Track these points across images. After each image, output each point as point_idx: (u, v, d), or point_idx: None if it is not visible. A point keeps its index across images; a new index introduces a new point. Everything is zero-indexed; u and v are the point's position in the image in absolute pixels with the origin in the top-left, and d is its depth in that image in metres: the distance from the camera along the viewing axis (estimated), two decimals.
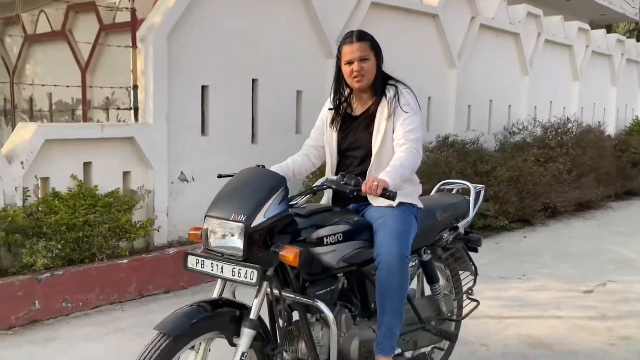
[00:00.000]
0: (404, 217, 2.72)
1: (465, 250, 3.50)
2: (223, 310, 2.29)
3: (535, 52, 10.49)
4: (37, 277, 4.15)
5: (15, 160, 4.44)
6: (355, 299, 2.80)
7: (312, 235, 2.49)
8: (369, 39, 2.75)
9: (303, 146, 3.03)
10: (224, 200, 2.36)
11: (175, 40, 5.36)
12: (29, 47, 9.90)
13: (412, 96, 2.78)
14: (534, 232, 7.38)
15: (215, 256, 2.30)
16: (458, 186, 3.67)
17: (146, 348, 2.08)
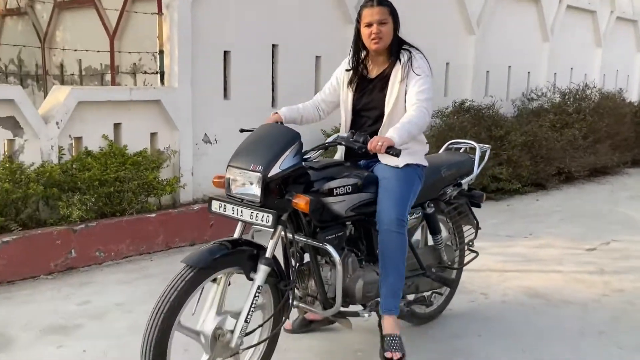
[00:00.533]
0: (407, 179, 2.94)
1: (468, 205, 3.71)
2: (242, 248, 2.58)
3: (556, 18, 10.46)
4: (73, 228, 4.51)
5: (51, 121, 4.77)
6: (361, 245, 3.07)
7: (323, 186, 2.75)
8: (388, 5, 2.92)
9: (314, 98, 3.24)
10: (245, 152, 2.62)
11: (198, 7, 5.59)
12: (59, 14, 10.20)
13: (424, 60, 2.93)
14: (547, 195, 7.55)
15: (236, 201, 2.59)
16: (465, 145, 3.88)
17: (174, 278, 2.38)
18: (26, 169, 4.48)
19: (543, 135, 7.75)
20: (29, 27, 10.95)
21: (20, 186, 4.32)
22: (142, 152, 5.22)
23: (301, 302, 2.97)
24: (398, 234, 2.85)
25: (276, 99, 6.41)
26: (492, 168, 7.03)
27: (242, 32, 5.99)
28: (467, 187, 3.72)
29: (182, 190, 5.55)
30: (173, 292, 2.32)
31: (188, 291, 2.35)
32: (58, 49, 10.24)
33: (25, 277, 4.28)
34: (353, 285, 2.91)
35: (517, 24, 9.61)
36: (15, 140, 4.65)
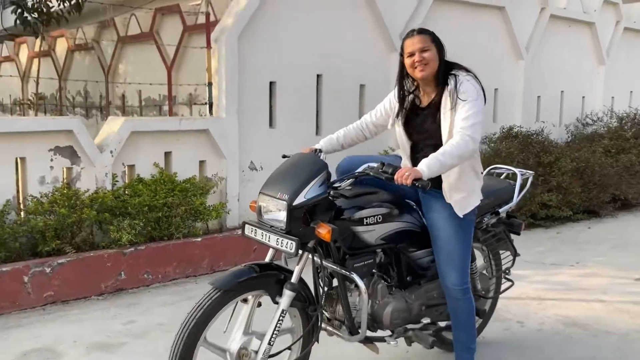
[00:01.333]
0: (465, 234, 2.96)
1: (506, 233, 3.65)
2: (270, 272, 2.70)
3: (613, 41, 10.23)
4: (123, 251, 4.77)
5: (106, 150, 5.08)
6: (392, 271, 3.10)
7: (354, 215, 2.82)
8: (429, 33, 2.91)
9: (362, 119, 3.24)
10: (275, 180, 2.77)
11: (245, 40, 5.84)
12: (122, 48, 10.81)
13: (472, 83, 2.83)
14: (600, 223, 7.33)
15: (266, 227, 2.72)
16: (507, 171, 3.83)
17: (202, 298, 2.54)
18: (81, 195, 4.78)
19: (596, 161, 7.55)
20: (95, 61, 11.65)
21: (75, 211, 4.62)
22: (191, 179, 5.46)
23: (329, 326, 3.03)
24: (464, 300, 2.97)
25: (320, 126, 6.56)
26: (540, 195, 6.90)
27: (287, 63, 6.20)
28: (507, 215, 3.65)
29: (228, 215, 5.75)
30: (199, 310, 2.48)
31: (213, 310, 2.50)
32: (120, 83, 10.83)
33: (78, 297, 4.55)
34: (381, 311, 2.96)
35: (570, 47, 9.46)
36: (73, 168, 4.99)
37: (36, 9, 7.93)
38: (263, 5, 5.89)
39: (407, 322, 3.06)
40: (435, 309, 3.19)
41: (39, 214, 4.54)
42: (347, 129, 3.24)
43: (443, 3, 7.48)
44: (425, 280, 3.14)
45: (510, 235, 3.69)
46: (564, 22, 9.27)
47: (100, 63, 11.41)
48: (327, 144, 3.17)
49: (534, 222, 6.94)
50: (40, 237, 4.54)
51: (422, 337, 3.13)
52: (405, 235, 3.02)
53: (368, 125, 3.22)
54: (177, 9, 9.23)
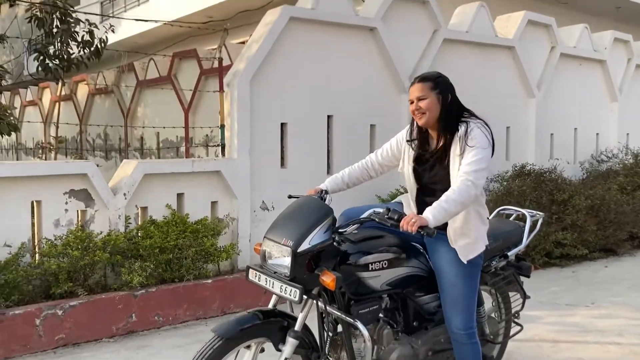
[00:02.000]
0: (470, 279, 2.94)
1: (516, 276, 3.61)
2: (273, 319, 2.69)
3: (625, 78, 10.24)
4: (134, 293, 4.80)
5: (119, 192, 5.18)
6: (398, 316, 3.06)
7: (359, 260, 2.80)
8: (431, 80, 2.92)
9: (367, 158, 3.25)
10: (280, 224, 2.76)
11: (257, 83, 5.97)
12: (140, 92, 11.08)
13: (481, 131, 2.83)
14: (618, 261, 7.21)
15: (270, 273, 2.70)
16: (516, 213, 3.81)
17: (203, 346, 2.53)
18: (94, 237, 4.85)
19: (611, 199, 7.48)
20: (115, 105, 11.94)
21: (88, 253, 4.68)
22: (203, 220, 5.51)
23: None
24: (470, 344, 2.93)
25: (331, 166, 6.62)
26: (555, 233, 6.83)
27: (298, 104, 6.30)
28: (516, 257, 3.61)
29: (239, 256, 5.77)
30: (202, 359, 2.47)
31: (216, 359, 2.48)
32: (139, 126, 11.07)
33: (89, 339, 4.57)
34: (387, 357, 2.91)
35: (581, 85, 9.49)
36: (87, 211, 5.08)
37: (57, 55, 8.22)
38: (274, 50, 6.03)
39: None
40: (442, 354, 3.13)
41: (52, 257, 4.62)
42: (352, 168, 3.25)
43: (452, 43, 7.59)
44: (433, 325, 3.09)
45: (520, 277, 3.65)
46: (575, 60, 9.32)
47: (120, 106, 11.69)
48: (332, 183, 3.18)
49: (549, 261, 6.85)
50: (53, 279, 4.61)
51: None
52: (412, 280, 2.99)
53: (373, 164, 3.23)
54: (194, 54, 9.48)
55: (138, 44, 17.00)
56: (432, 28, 7.41)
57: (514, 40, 8.25)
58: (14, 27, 14.96)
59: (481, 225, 2.99)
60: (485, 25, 7.95)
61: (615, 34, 9.91)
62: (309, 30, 6.32)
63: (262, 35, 5.99)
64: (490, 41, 7.99)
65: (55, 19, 7.91)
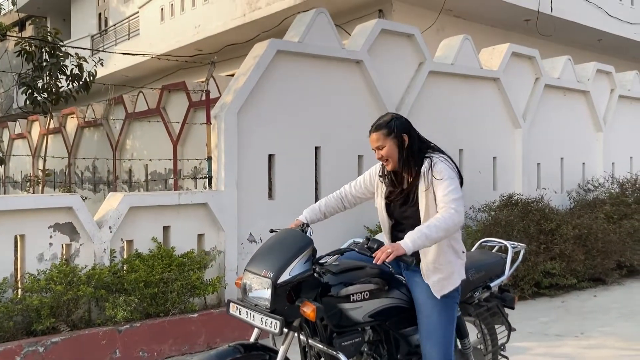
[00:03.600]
0: (447, 312, 2.92)
1: (500, 307, 3.60)
2: (254, 353, 2.65)
3: (609, 108, 10.39)
4: (118, 328, 4.72)
5: (105, 226, 5.14)
6: (382, 349, 3.03)
7: (340, 291, 2.79)
8: (384, 127, 3.00)
9: (342, 189, 3.32)
10: (260, 257, 2.76)
11: (244, 115, 6.00)
12: (129, 124, 11.09)
13: (445, 164, 2.93)
14: (607, 291, 7.20)
15: (250, 305, 2.68)
16: (498, 244, 3.84)
17: None
18: (78, 272, 4.79)
19: (598, 228, 7.50)
20: (104, 137, 11.93)
21: (71, 288, 4.62)
22: (189, 253, 5.47)
23: None
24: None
25: (319, 196, 6.61)
26: (543, 263, 6.83)
27: (286, 136, 6.33)
28: (500, 288, 3.61)
29: (226, 289, 5.71)
30: None
31: None
32: (128, 158, 11.06)
33: None
34: None
35: (566, 115, 9.61)
36: (72, 245, 5.02)
37: (46, 89, 8.24)
38: (262, 82, 6.09)
39: None
40: None
41: (35, 292, 4.55)
42: (328, 199, 3.31)
43: (438, 76, 7.69)
44: (417, 358, 3.05)
45: (504, 309, 3.63)
46: (559, 91, 9.47)
47: (109, 139, 11.69)
48: (310, 214, 3.22)
49: (538, 291, 6.83)
50: (35, 315, 4.52)
51: None
52: (394, 311, 2.97)
53: (347, 195, 3.29)
54: (183, 86, 9.53)
55: (128, 77, 17.09)
56: (418, 61, 7.51)
57: (498, 72, 8.38)
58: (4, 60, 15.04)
59: (456, 259, 2.99)
60: (470, 57, 8.07)
61: (597, 65, 10.09)
62: (296, 63, 6.39)
63: (249, 68, 6.05)
64: (476, 73, 8.10)
65: (45, 53, 7.95)
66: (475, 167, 8.17)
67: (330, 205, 3.28)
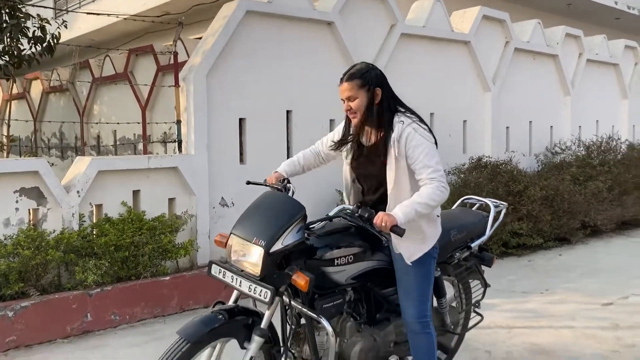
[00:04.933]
0: (423, 272, 2.92)
1: (477, 266, 3.61)
2: (238, 318, 2.59)
3: (576, 72, 10.51)
4: (89, 292, 4.69)
5: (73, 190, 5.05)
6: (361, 308, 3.04)
7: (325, 255, 2.74)
8: (358, 77, 2.82)
9: (316, 145, 3.22)
10: (249, 221, 2.65)
11: (214, 78, 5.91)
12: (96, 89, 10.84)
13: (419, 132, 2.78)
14: (572, 250, 7.41)
15: (236, 270, 2.61)
16: (480, 203, 3.77)
17: (168, 350, 2.42)
18: (46, 236, 4.72)
19: (565, 189, 7.67)
20: (70, 103, 11.65)
21: (39, 252, 4.55)
22: (160, 217, 5.42)
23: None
24: (424, 334, 2.92)
25: None
26: (511, 223, 6.98)
27: (257, 99, 6.26)
28: (479, 248, 3.59)
29: (199, 252, 5.70)
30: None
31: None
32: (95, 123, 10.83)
33: (42, 341, 4.45)
34: (349, 350, 2.88)
35: (536, 79, 9.70)
36: (39, 209, 4.94)
37: (7, 52, 7.96)
38: (231, 44, 5.98)
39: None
40: (404, 345, 3.12)
41: (1, 257, 4.47)
42: (305, 153, 3.23)
43: (409, 38, 7.66)
44: (395, 316, 3.08)
45: (481, 267, 3.65)
46: (529, 55, 9.53)
47: (75, 104, 11.42)
48: (290, 167, 3.15)
49: (506, 251, 6.99)
50: (3, 280, 4.46)
51: None
52: (377, 272, 2.96)
53: (320, 153, 3.21)
54: (151, 50, 9.30)
55: (94, 41, 16.60)
56: (390, 23, 7.46)
57: (469, 35, 8.38)
58: None
59: (428, 225, 2.92)
60: (442, 20, 8.05)
61: (566, 29, 10.16)
62: (266, 24, 6.29)
63: (218, 29, 5.93)
64: (447, 36, 8.09)
65: (4, 14, 7.66)
66: (446, 130, 8.22)
67: (308, 159, 3.21)
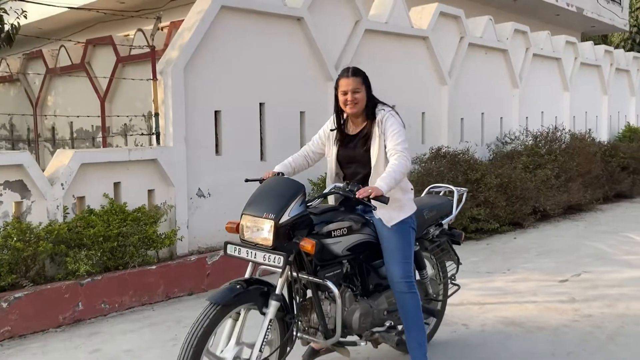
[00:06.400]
0: (403, 235, 3.36)
1: (449, 243, 4.12)
2: (255, 287, 2.96)
3: (524, 66, 11.15)
4: (80, 282, 4.81)
5: (57, 183, 5.12)
6: (357, 281, 3.44)
7: (322, 229, 3.15)
8: (361, 75, 3.39)
9: (303, 148, 3.70)
10: (257, 201, 3.04)
11: (190, 72, 6.05)
12: (51, 80, 10.66)
13: (396, 117, 3.37)
14: (524, 233, 7.97)
15: (250, 245, 2.98)
16: (444, 189, 4.33)
17: (200, 314, 2.76)
18: (35, 229, 4.80)
19: (517, 177, 8.22)
20: (21, 93, 11.39)
21: (30, 244, 4.63)
22: (141, 208, 5.56)
23: (304, 334, 3.31)
24: (409, 293, 3.30)
25: (265, 152, 6.83)
26: (470, 209, 7.45)
27: (231, 92, 6.45)
28: (448, 227, 4.12)
29: (179, 242, 5.87)
30: (202, 323, 2.72)
31: (213, 324, 2.75)
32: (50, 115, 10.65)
33: (35, 330, 4.55)
34: (350, 317, 3.27)
35: (487, 72, 10.25)
36: (23, 202, 4.99)
37: None
38: (207, 38, 6.14)
39: (373, 326, 3.38)
40: (395, 313, 3.52)
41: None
42: (295, 157, 3.67)
43: (373, 34, 7.99)
44: (385, 287, 3.48)
45: (453, 245, 4.12)
46: (481, 49, 10.06)
47: (28, 95, 11.19)
48: (283, 168, 3.54)
49: (466, 235, 7.42)
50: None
51: (387, 337, 3.46)
52: (366, 246, 3.36)
53: (309, 153, 3.67)
54: (110, 41, 9.26)
55: (42, 30, 16.15)
56: (354, 19, 7.77)
57: (427, 31, 8.79)
58: None
59: (403, 196, 3.41)
60: (402, 16, 8.42)
61: (515, 25, 10.75)
62: (239, 20, 6.47)
63: (194, 23, 6.07)
64: (407, 32, 8.47)
65: None
66: (406, 121, 8.46)
67: (298, 161, 3.63)
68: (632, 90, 15.45)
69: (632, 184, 11.21)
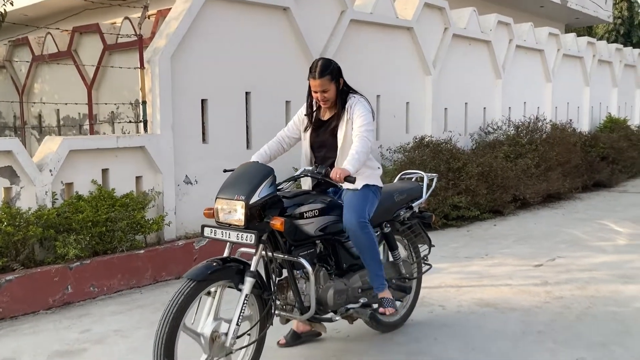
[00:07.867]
0: (363, 194, 3.61)
1: (421, 225, 4.30)
2: (231, 265, 3.13)
3: (507, 57, 11.34)
4: (69, 265, 4.93)
5: (45, 169, 5.22)
6: (330, 260, 3.64)
7: (295, 211, 3.33)
8: (327, 73, 3.52)
9: (278, 134, 3.87)
10: (229, 185, 3.22)
11: (177, 60, 6.15)
12: (37, 67, 10.67)
13: (363, 104, 3.59)
14: (504, 221, 8.19)
15: (224, 227, 3.15)
16: (415, 175, 4.53)
17: (177, 290, 2.90)
18: (24, 214, 4.90)
19: (498, 166, 8.42)
20: (7, 81, 11.38)
21: (20, 229, 4.74)
22: (129, 194, 5.67)
23: (282, 311, 3.49)
24: (362, 232, 3.48)
25: (250, 140, 6.96)
26: (452, 197, 7.64)
27: (218, 81, 6.56)
28: (419, 210, 4.29)
29: (166, 228, 5.99)
30: (178, 299, 2.87)
31: (190, 299, 2.89)
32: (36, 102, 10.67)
33: (26, 312, 4.67)
34: (325, 294, 3.45)
35: (471, 63, 10.43)
36: (12, 188, 5.09)
37: None
38: (194, 27, 6.23)
39: (348, 302, 3.57)
40: (370, 291, 3.70)
41: None
42: (270, 144, 3.85)
43: (358, 24, 8.12)
44: (358, 267, 3.68)
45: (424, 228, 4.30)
46: (465, 40, 10.22)
47: (14, 82, 11.18)
48: (259, 158, 3.73)
49: (447, 223, 7.66)
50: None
51: (361, 312, 3.66)
52: (338, 226, 3.53)
53: (284, 138, 3.87)
54: (96, 28, 9.29)
55: (27, 17, 16.08)
56: (340, 9, 7.88)
57: (412, 22, 8.93)
58: None
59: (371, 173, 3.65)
60: (387, 7, 8.55)
61: (498, 17, 10.92)
62: (226, 9, 6.57)
63: (181, 12, 6.16)
64: (392, 22, 8.61)
65: None
66: (391, 111, 8.79)
67: (273, 148, 3.82)
68: (614, 82, 15.72)
69: (610, 173, 11.47)
